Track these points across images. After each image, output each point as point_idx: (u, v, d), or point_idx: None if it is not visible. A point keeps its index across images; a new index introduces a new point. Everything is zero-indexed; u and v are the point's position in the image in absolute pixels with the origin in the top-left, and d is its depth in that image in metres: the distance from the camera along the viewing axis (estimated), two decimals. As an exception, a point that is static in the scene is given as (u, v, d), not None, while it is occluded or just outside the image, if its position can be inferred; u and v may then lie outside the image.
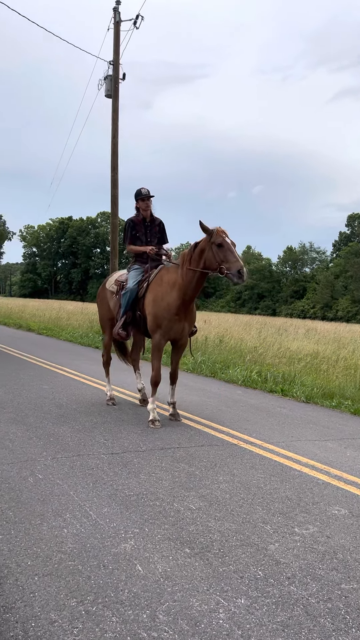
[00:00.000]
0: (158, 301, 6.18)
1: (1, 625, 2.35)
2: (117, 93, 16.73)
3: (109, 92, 16.75)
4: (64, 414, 6.41)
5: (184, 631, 2.37)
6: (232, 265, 5.61)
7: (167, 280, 6.21)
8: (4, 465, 4.46)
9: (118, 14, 16.68)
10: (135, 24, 16.45)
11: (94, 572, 2.83)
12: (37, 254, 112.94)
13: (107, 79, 16.83)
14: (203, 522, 3.54)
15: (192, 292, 6.07)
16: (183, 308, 6.14)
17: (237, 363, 11.12)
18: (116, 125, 16.79)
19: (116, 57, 16.68)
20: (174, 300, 6.08)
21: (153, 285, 6.35)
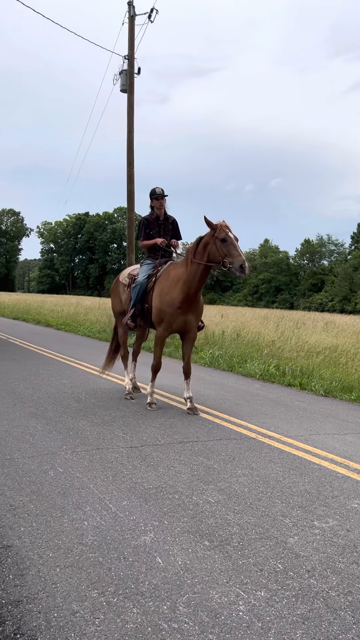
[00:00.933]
0: (163, 295, 6.42)
1: (24, 615, 2.39)
2: (133, 88, 16.72)
3: (124, 86, 16.76)
4: (83, 408, 6.46)
5: (204, 623, 2.39)
6: (234, 259, 5.80)
7: (174, 275, 6.43)
8: (25, 459, 4.52)
9: (133, 8, 16.65)
10: (150, 17, 16.42)
11: (115, 564, 2.86)
12: (54, 250, 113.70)
13: (122, 74, 16.83)
14: (222, 515, 3.55)
15: (196, 285, 6.26)
16: (187, 302, 6.34)
17: (254, 357, 11.09)
18: (132, 119, 16.79)
19: (131, 51, 16.65)
20: (178, 295, 6.30)
21: (160, 279, 6.60)
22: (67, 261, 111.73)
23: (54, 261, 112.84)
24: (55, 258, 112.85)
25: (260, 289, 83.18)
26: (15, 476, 4.12)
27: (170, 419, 6.13)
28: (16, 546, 3.02)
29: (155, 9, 16.35)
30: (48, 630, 2.29)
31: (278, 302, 75.89)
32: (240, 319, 19.67)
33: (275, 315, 25.86)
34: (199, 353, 11.99)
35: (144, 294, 6.75)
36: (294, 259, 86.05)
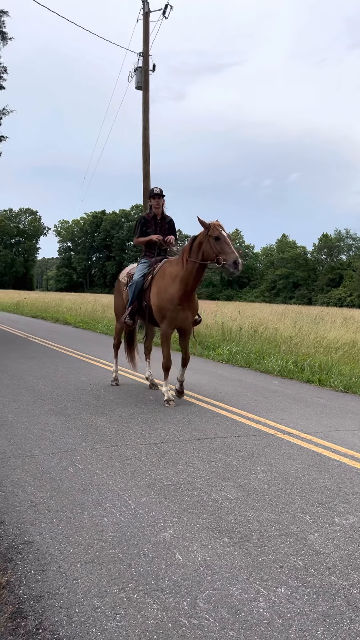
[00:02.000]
0: (162, 293, 6.62)
1: (46, 610, 2.42)
2: (148, 84, 16.71)
3: (139, 83, 16.76)
4: (102, 405, 6.50)
5: (225, 619, 2.39)
6: (228, 256, 6.01)
7: (170, 273, 6.62)
8: (45, 456, 4.57)
9: (147, 5, 16.63)
10: (165, 13, 16.38)
11: (135, 560, 2.88)
12: (72, 249, 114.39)
13: (137, 71, 16.84)
14: (241, 512, 3.54)
15: (192, 282, 6.48)
16: (185, 298, 6.55)
17: (272, 353, 11.03)
18: (147, 116, 16.79)
19: (146, 48, 16.64)
20: (176, 292, 6.49)
21: (157, 277, 6.80)
22: (84, 259, 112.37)
23: (71, 259, 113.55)
24: (72, 256, 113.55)
25: (278, 285, 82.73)
26: (35, 473, 4.16)
27: (188, 415, 6.13)
28: (37, 542, 3.05)
29: (169, 5, 16.32)
30: (70, 626, 2.31)
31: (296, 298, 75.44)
32: (257, 315, 19.58)
33: (293, 311, 25.69)
34: (217, 350, 11.97)
35: (140, 292, 6.99)
36: (312, 254, 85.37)
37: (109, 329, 17.02)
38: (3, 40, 18.44)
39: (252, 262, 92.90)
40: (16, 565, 2.80)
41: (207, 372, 9.40)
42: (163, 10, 16.40)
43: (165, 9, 16.37)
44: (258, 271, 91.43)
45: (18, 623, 2.34)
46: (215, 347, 12.52)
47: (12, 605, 2.46)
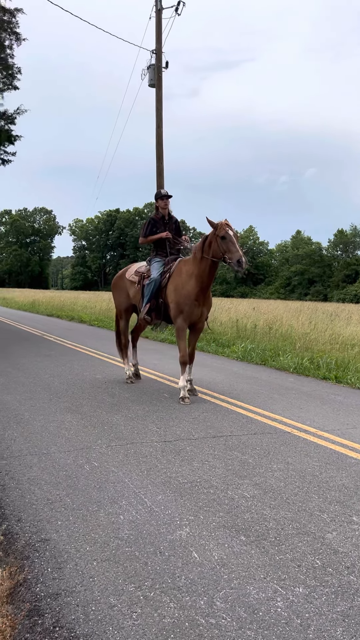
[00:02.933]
0: (179, 290, 6.87)
1: (63, 608, 2.42)
2: (161, 82, 16.68)
3: (152, 81, 16.74)
4: (117, 403, 6.51)
5: (242, 618, 2.36)
6: (233, 255, 6.31)
7: (186, 271, 6.89)
8: (61, 453, 4.58)
9: (159, 2, 16.59)
10: (177, 10, 16.33)
11: (151, 558, 2.87)
12: (86, 247, 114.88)
13: (150, 69, 16.82)
14: (258, 510, 3.51)
15: (207, 279, 6.75)
16: (201, 294, 6.82)
17: (287, 350, 10.96)
18: (160, 114, 16.77)
19: (158, 45, 16.61)
20: (193, 288, 6.76)
21: (174, 276, 7.04)
22: (98, 258, 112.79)
23: (86, 258, 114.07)
24: (87, 255, 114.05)
25: (293, 282, 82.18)
26: (52, 470, 4.17)
27: (203, 413, 6.11)
28: (54, 539, 3.06)
29: (182, 2, 16.25)
30: (86, 624, 2.30)
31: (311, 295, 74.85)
32: (272, 312, 19.47)
33: (309, 307, 25.50)
34: (232, 347, 11.92)
35: (158, 289, 7.17)
36: (327, 250, 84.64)
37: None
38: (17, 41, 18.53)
39: (266, 258, 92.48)
40: (33, 563, 2.81)
41: (222, 370, 9.36)
42: (176, 7, 16.35)
43: (178, 5, 16.31)
44: (273, 268, 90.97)
45: (35, 621, 2.34)
46: (230, 344, 12.47)
47: (29, 603, 2.46)
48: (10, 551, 2.94)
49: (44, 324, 19.80)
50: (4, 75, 18.90)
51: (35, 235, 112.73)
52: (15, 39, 18.55)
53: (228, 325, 15.12)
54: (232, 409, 6.36)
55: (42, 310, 28.02)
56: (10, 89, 19.36)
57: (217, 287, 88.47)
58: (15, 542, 3.04)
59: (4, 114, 19.51)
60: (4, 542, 3.04)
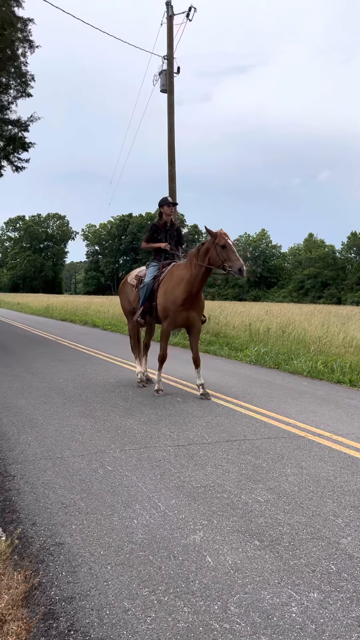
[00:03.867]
0: (167, 294, 7.09)
1: (77, 612, 2.43)
2: (172, 87, 16.75)
3: (164, 86, 16.81)
4: (130, 407, 6.53)
5: (256, 623, 2.36)
6: (234, 263, 6.49)
7: (177, 276, 7.08)
8: (75, 457, 4.60)
9: (171, 8, 16.67)
10: (188, 16, 16.38)
11: (165, 562, 2.87)
12: (99, 252, 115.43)
13: (161, 74, 16.89)
14: (272, 515, 3.50)
15: (198, 285, 6.94)
16: (189, 299, 7.01)
17: (301, 354, 10.91)
18: (172, 119, 16.83)
19: (170, 51, 16.69)
20: (181, 294, 6.95)
21: (165, 279, 7.27)
22: (111, 262, 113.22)
23: (99, 263, 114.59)
24: (100, 260, 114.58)
25: (306, 285, 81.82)
26: (66, 474, 4.20)
27: (216, 417, 6.11)
28: (68, 543, 3.08)
29: (193, 8, 16.31)
30: (101, 627, 2.31)
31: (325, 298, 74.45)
32: (285, 315, 19.40)
33: (322, 310, 25.36)
34: (244, 351, 11.90)
35: (151, 293, 7.43)
36: (341, 252, 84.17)
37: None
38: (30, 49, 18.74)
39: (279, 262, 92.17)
40: (48, 567, 2.83)
41: (235, 374, 9.35)
42: (187, 13, 16.42)
43: (189, 11, 16.38)
44: (286, 271, 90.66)
45: (50, 624, 2.35)
46: (243, 348, 12.45)
47: (44, 607, 2.48)
48: (25, 555, 2.96)
49: (58, 328, 19.92)
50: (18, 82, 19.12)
51: (49, 241, 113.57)
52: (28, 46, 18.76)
53: (241, 328, 15.10)
54: (245, 413, 6.34)
55: (56, 315, 28.19)
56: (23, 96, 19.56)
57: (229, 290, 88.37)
58: (30, 545, 3.06)
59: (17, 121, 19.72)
60: (19, 545, 3.06)
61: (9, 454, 4.71)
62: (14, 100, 19.43)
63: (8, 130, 19.84)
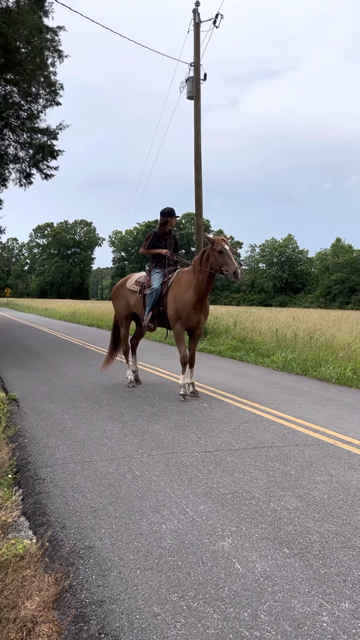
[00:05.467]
0: (178, 298, 7.45)
1: (108, 615, 2.45)
2: (199, 94, 16.83)
3: (191, 93, 16.90)
4: (157, 412, 6.55)
5: (287, 632, 2.34)
6: (229, 267, 6.90)
7: (185, 281, 7.48)
8: (103, 462, 4.64)
9: (198, 15, 16.78)
10: (215, 23, 16.46)
11: (194, 568, 2.87)
12: (125, 258, 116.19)
13: (188, 81, 16.99)
14: (301, 523, 3.47)
15: (205, 289, 7.31)
16: (199, 303, 7.38)
17: (329, 360, 10.78)
18: (198, 126, 16.90)
19: (197, 58, 16.78)
20: (192, 297, 7.33)
21: (173, 285, 7.63)
22: (137, 268, 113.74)
23: (125, 269, 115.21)
24: (126, 266, 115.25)
25: (333, 290, 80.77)
26: (94, 478, 4.23)
27: (243, 423, 6.08)
28: (97, 547, 3.10)
29: (220, 14, 16.38)
30: (131, 632, 2.33)
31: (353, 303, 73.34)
32: (312, 321, 19.20)
33: (351, 316, 25.00)
34: (271, 357, 11.82)
35: (159, 298, 7.76)
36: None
37: (161, 337, 17.13)
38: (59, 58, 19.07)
39: (306, 267, 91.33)
40: (78, 570, 2.86)
41: (262, 380, 9.29)
42: (214, 20, 16.50)
43: (216, 18, 16.45)
44: (313, 276, 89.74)
45: (81, 627, 2.38)
46: (269, 354, 12.37)
47: (75, 609, 2.51)
48: (56, 557, 3.00)
49: (85, 333, 20.12)
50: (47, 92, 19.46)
51: (76, 247, 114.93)
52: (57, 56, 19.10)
53: (267, 334, 15.01)
54: (272, 419, 6.30)
55: (83, 320, 28.48)
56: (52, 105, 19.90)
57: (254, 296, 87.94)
58: (60, 548, 3.10)
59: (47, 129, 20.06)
60: (50, 548, 3.10)
61: (39, 457, 4.78)
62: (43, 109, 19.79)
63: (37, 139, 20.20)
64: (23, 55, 16.93)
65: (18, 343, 15.97)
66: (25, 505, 3.76)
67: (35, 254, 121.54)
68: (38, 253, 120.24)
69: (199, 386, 8.42)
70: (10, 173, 21.65)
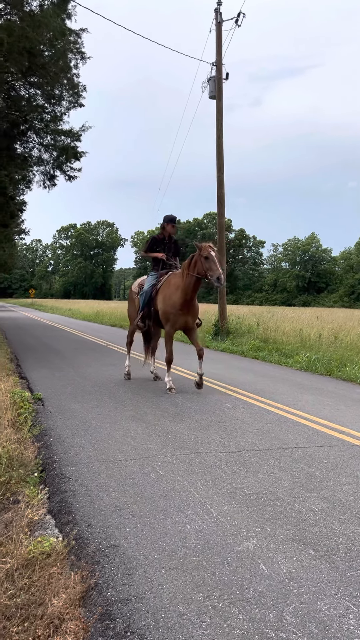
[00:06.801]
0: (166, 300, 7.88)
1: (134, 614, 2.46)
2: (221, 93, 16.79)
3: (213, 93, 16.87)
4: (180, 412, 6.56)
5: (313, 634, 2.32)
6: (213, 272, 7.33)
7: (174, 284, 7.88)
8: (127, 461, 4.67)
9: (219, 15, 16.74)
10: (237, 21, 16.40)
11: (218, 568, 2.87)
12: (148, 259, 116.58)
13: (210, 81, 16.96)
14: (327, 525, 3.44)
15: (191, 292, 7.69)
16: (186, 305, 7.74)
17: (355, 360, 10.65)
18: (220, 125, 16.86)
19: (219, 57, 16.74)
20: (178, 299, 7.72)
21: (163, 287, 8.10)
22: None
23: (147, 269, 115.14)
24: (148, 266, 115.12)
25: (357, 289, 79.77)
26: (119, 478, 4.26)
27: (267, 424, 6.05)
28: (123, 546, 3.12)
29: (242, 13, 16.31)
30: (157, 630, 2.34)
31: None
32: (336, 321, 18.99)
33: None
34: (295, 357, 11.72)
35: (149, 299, 8.25)
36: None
37: (184, 337, 17.11)
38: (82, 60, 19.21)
39: (329, 266, 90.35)
40: (103, 568, 2.88)
41: (285, 380, 9.23)
42: (236, 18, 16.44)
43: (238, 17, 16.39)
44: (336, 275, 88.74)
45: (107, 625, 2.40)
46: (293, 354, 12.27)
47: (101, 607, 2.53)
48: (82, 555, 3.03)
49: (108, 334, 20.25)
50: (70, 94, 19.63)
51: (99, 248, 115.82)
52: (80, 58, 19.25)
53: (291, 334, 14.90)
54: (297, 420, 6.25)
55: (106, 320, 28.67)
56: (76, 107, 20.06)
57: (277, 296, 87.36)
58: (86, 547, 3.13)
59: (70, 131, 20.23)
60: (75, 546, 3.14)
61: (64, 456, 4.83)
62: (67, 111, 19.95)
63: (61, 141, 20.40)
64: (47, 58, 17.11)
65: (42, 343, 16.16)
66: (51, 504, 3.81)
67: (59, 255, 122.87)
68: (62, 254, 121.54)
69: (220, 386, 8.40)
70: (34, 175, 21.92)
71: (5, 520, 3.45)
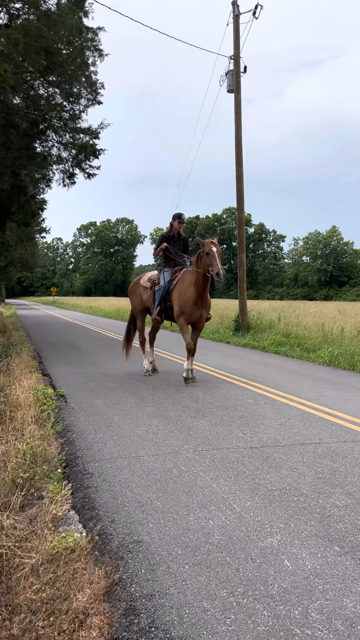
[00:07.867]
0: (182, 295, 8.28)
1: (158, 609, 2.47)
2: (239, 87, 16.66)
3: (231, 86, 16.74)
4: (201, 408, 6.54)
5: (339, 631, 2.29)
6: (214, 268, 7.60)
7: (188, 280, 8.28)
8: (149, 457, 4.68)
9: (237, 7, 16.60)
10: (255, 14, 16.23)
11: (242, 564, 2.85)
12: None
13: (228, 74, 16.84)
14: (352, 521, 3.39)
15: (201, 287, 8.03)
16: (199, 299, 8.14)
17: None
18: (239, 119, 16.74)
19: (236, 51, 16.61)
20: (192, 294, 8.11)
21: (178, 283, 8.49)
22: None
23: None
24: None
25: (380, 282, 78.61)
26: (141, 473, 4.27)
27: (289, 419, 6.00)
28: (146, 542, 3.13)
29: (259, 5, 16.15)
30: (181, 626, 2.33)
31: None
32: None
33: None
34: (317, 352, 11.61)
35: (166, 294, 8.61)
36: None
37: (204, 333, 17.11)
38: (100, 57, 19.24)
39: (351, 259, 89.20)
40: (127, 564, 2.89)
41: (307, 375, 9.15)
42: (253, 11, 16.27)
43: (256, 9, 16.22)
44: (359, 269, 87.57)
45: (131, 620, 2.40)
46: (315, 349, 12.16)
47: (125, 602, 2.54)
48: (106, 551, 3.04)
49: (129, 330, 20.30)
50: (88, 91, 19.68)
51: (119, 245, 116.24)
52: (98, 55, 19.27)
53: (313, 329, 14.75)
54: (320, 415, 6.19)
55: (127, 317, 28.67)
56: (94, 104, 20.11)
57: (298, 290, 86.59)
58: (110, 542, 3.14)
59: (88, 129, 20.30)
60: (99, 542, 3.15)
61: (87, 452, 4.86)
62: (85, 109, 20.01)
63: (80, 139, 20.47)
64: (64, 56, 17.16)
65: (64, 340, 16.29)
66: (75, 499, 3.83)
67: (80, 252, 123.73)
68: (82, 252, 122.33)
69: (242, 381, 8.38)
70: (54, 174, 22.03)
71: (29, 515, 3.49)
